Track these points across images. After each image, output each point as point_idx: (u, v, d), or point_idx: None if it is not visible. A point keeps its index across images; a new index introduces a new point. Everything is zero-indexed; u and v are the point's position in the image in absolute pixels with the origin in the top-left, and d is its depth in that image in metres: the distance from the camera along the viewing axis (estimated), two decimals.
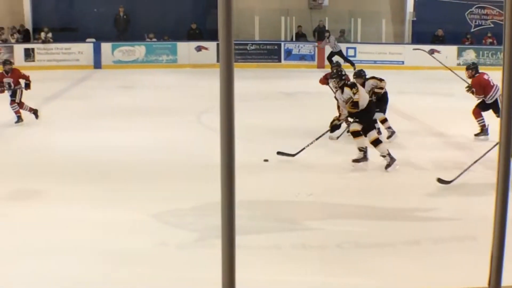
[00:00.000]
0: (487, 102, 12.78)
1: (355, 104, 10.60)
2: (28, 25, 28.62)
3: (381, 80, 12.43)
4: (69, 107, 16.38)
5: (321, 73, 14.57)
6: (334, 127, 11.27)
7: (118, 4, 27.89)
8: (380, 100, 12.28)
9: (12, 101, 13.95)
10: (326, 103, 13.44)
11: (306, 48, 26.95)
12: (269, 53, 27.21)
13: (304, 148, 11.12)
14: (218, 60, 12.84)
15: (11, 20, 28.49)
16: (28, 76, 14.15)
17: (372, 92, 12.02)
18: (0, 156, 11.57)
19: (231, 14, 2.23)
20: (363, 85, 11.85)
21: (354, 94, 10.58)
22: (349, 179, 10.19)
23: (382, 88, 12.29)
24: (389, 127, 12.60)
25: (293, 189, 9.37)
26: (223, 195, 2.34)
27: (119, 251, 7.09)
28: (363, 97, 10.71)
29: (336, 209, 8.61)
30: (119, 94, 19.29)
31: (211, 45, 26.29)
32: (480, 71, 13.16)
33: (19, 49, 26.92)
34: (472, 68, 13.13)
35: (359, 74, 12.38)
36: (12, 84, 13.88)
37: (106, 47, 26.73)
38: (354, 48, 26.83)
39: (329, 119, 11.57)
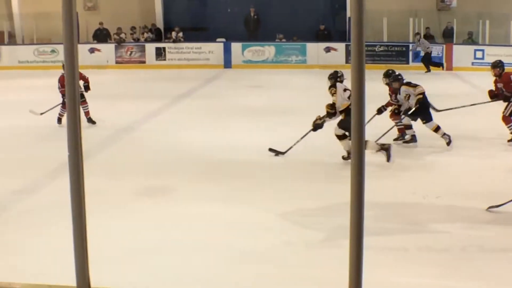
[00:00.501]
0: None
1: (331, 105, 10.94)
2: (160, 24, 29.33)
3: (415, 86, 12.00)
4: (199, 106, 16.68)
5: (449, 76, 14.30)
6: (316, 125, 11.26)
7: (249, 4, 28.18)
8: (420, 108, 11.87)
9: (83, 102, 13.97)
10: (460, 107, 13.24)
11: (434, 50, 26.45)
12: (397, 54, 26.88)
13: (291, 147, 11.45)
14: (347, 61, 13.00)
15: (142, 19, 29.29)
16: (87, 78, 14.26)
17: (408, 98, 11.91)
18: (130, 154, 11.91)
19: (363, 15, 2.23)
20: (396, 90, 12.03)
21: (332, 95, 10.92)
22: (474, 182, 9.96)
23: (421, 94, 11.82)
24: (444, 134, 11.95)
25: (414, 189, 9.29)
26: (353, 195, 2.34)
27: (245, 249, 7.16)
28: (340, 99, 10.88)
29: (461, 212, 8.44)
30: (248, 94, 19.48)
31: (340, 46, 26.20)
32: None
33: (150, 48, 27.66)
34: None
35: (396, 78, 12.22)
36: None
37: (236, 47, 27.07)
38: (482, 50, 26.13)
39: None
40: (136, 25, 28.90)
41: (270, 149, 11.63)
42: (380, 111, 12.38)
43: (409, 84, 12.09)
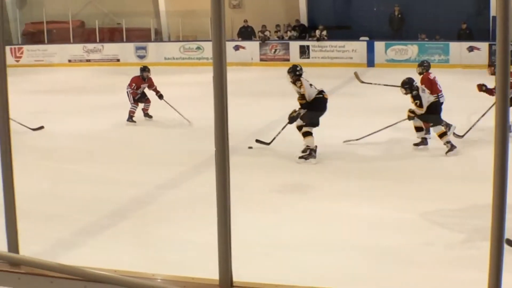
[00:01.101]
0: None
1: (302, 96, 11.60)
2: (303, 22, 29.42)
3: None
4: (341, 104, 16.65)
5: None
6: (291, 118, 11.71)
7: (393, 3, 27.87)
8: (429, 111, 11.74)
9: (135, 102, 15.07)
10: None
11: None
12: None
13: (275, 137, 12.23)
14: (490, 61, 12.57)
15: (287, 17, 29.46)
16: (155, 87, 15.49)
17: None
18: (273, 150, 12.05)
19: (508, 14, 2.20)
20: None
21: (300, 87, 11.60)
22: None
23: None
24: (448, 142, 11.63)
25: None
26: (495, 197, 2.31)
27: (383, 249, 7.14)
28: (308, 90, 11.55)
29: None
30: (391, 93, 19.25)
31: (483, 46, 25.48)
32: None
33: (294, 46, 27.79)
34: None
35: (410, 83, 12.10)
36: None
37: (379, 45, 26.84)
38: None
39: None
40: (280, 23, 29.12)
41: (257, 140, 12.49)
42: None
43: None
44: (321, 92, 11.70)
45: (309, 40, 28.24)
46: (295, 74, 11.84)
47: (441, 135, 11.74)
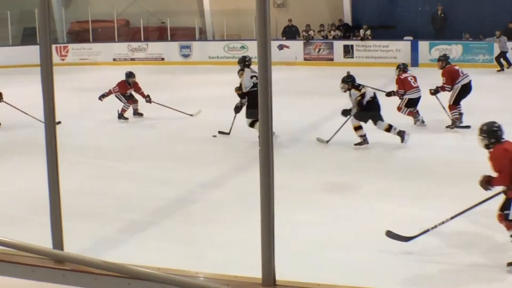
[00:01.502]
0: None
1: (239, 87, 12.73)
2: (347, 22, 29.33)
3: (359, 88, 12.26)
4: (385, 104, 16.54)
5: None
6: (236, 109, 12.83)
7: (437, 2, 27.64)
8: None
9: (129, 101, 15.78)
10: None
11: None
12: None
13: (231, 128, 13.15)
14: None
15: (331, 17, 29.41)
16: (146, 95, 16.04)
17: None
18: (317, 150, 12.04)
19: None
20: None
21: (240, 77, 12.80)
22: None
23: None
24: (362, 135, 12.27)
25: None
26: None
27: (425, 250, 7.11)
28: (245, 82, 12.51)
29: None
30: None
31: None
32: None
33: (338, 46, 27.73)
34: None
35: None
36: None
37: (423, 45, 26.64)
38: None
39: None
40: (324, 22, 29.08)
41: (219, 132, 13.28)
42: None
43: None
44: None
45: (353, 39, 28.16)
46: (244, 64, 12.80)
47: (388, 129, 12.20)
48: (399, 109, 14.24)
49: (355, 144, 12.13)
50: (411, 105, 14.20)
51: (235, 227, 7.89)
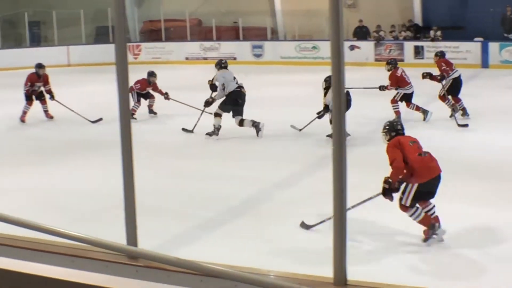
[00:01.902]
0: None
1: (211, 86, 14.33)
2: (418, 23, 29.02)
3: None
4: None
5: None
6: (206, 103, 14.28)
7: (507, 3, 27.14)
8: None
9: (138, 101, 16.20)
10: None
11: None
12: None
13: (196, 124, 14.06)
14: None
15: (401, 17, 29.16)
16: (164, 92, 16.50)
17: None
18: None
19: None
20: None
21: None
22: None
23: None
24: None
25: None
26: None
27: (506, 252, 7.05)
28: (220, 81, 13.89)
29: None
30: (504, 95, 18.84)
31: None
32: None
33: (409, 47, 27.46)
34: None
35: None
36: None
37: (494, 46, 26.19)
38: None
39: None
40: (395, 23, 28.85)
41: (183, 129, 14.25)
42: None
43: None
44: (239, 86, 13.88)
45: (423, 40, 27.85)
46: (220, 66, 14.30)
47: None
48: (393, 101, 15.20)
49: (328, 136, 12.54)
50: (406, 99, 15.09)
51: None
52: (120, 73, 3.89)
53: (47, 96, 16.11)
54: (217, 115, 13.69)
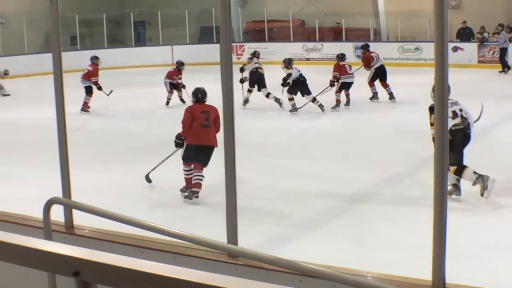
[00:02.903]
0: None
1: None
2: None
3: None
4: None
5: None
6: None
7: None
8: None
9: (171, 90, 18.65)
10: None
11: None
12: None
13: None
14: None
15: (506, 18, 28.47)
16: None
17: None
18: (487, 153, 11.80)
19: None
20: None
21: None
22: None
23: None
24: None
25: None
26: None
27: None
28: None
29: None
30: None
31: None
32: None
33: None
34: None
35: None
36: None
37: None
38: None
39: None
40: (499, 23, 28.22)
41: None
42: None
43: None
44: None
45: None
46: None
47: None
48: (336, 92, 17.66)
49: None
50: (345, 88, 17.56)
51: (405, 228, 7.83)
52: (224, 72, 3.96)
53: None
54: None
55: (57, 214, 4.60)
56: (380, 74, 18.34)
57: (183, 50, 30.93)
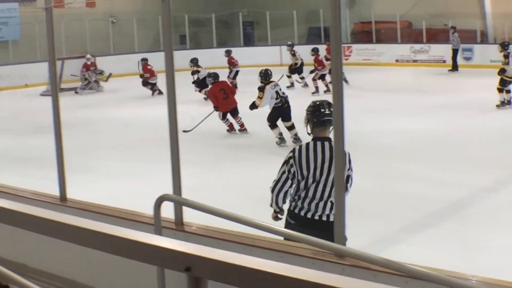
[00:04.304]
0: None
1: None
2: None
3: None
4: None
5: None
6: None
7: None
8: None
9: None
10: None
11: None
12: None
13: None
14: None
15: None
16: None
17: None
18: None
19: None
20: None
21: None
22: None
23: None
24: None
25: None
26: None
27: None
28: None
29: None
30: None
31: None
32: None
33: None
34: None
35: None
36: None
37: None
38: None
39: None
40: None
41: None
42: None
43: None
44: None
45: None
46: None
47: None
48: (313, 79, 21.89)
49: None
50: (323, 78, 21.70)
51: None
52: (335, 72, 3.98)
53: None
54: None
55: (167, 211, 4.70)
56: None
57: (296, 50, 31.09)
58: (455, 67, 27.06)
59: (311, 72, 22.30)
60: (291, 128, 13.39)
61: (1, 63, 24.32)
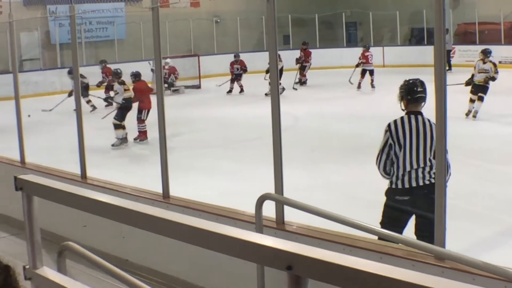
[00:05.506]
0: None
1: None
2: None
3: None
4: None
5: None
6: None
7: None
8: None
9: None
10: None
11: None
12: None
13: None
14: None
15: None
16: None
17: None
18: None
19: None
20: None
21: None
22: None
23: None
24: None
25: None
26: None
27: None
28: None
29: None
30: None
31: None
32: None
33: None
34: None
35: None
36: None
37: None
38: None
39: None
40: None
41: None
42: None
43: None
44: None
45: None
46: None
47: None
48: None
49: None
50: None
51: None
52: (438, 73, 3.97)
53: None
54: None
55: (268, 210, 4.77)
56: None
57: (394, 51, 30.78)
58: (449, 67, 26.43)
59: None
60: None
61: (110, 62, 24.82)
